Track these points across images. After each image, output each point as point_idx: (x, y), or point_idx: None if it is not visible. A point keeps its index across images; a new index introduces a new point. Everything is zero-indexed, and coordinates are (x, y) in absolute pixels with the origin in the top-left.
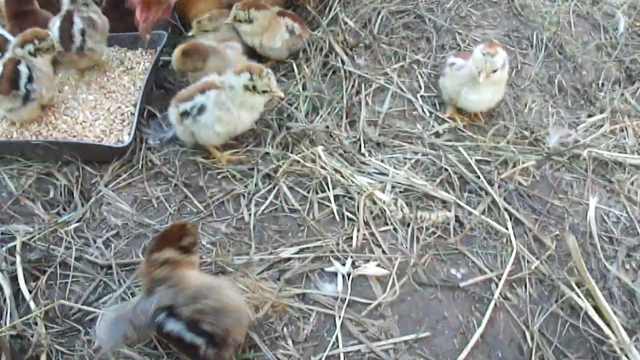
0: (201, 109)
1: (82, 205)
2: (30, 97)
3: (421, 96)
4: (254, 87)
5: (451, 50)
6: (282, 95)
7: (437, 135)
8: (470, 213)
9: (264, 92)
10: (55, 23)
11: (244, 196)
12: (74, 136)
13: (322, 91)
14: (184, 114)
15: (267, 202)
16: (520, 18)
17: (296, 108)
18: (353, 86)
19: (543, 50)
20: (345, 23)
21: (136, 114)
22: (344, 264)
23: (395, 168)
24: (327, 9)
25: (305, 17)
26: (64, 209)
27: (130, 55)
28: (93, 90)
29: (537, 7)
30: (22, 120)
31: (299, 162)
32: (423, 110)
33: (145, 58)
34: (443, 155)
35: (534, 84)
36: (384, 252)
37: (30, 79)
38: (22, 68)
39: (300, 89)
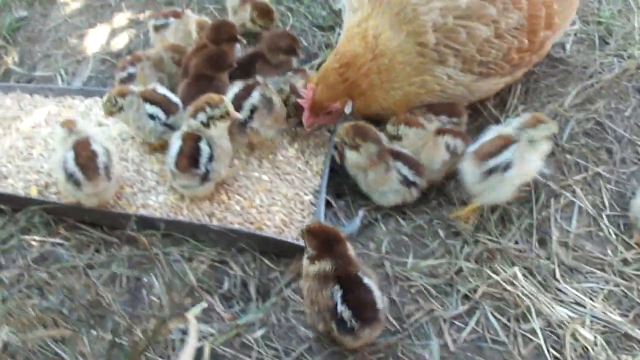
0: (507, 165)
1: (258, 300)
2: (209, 177)
3: (607, 215)
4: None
5: (633, 164)
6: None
7: (626, 262)
8: None
9: None
10: (234, 88)
11: (443, 320)
12: (251, 222)
13: (509, 203)
14: (491, 171)
15: (469, 328)
16: None
17: (482, 216)
18: (539, 198)
19: None
20: None
21: (321, 208)
22: None
23: (590, 299)
24: (507, 105)
25: (480, 114)
26: (238, 303)
27: (300, 130)
28: (266, 168)
29: None
30: (195, 197)
31: (497, 282)
32: (609, 232)
33: (317, 135)
34: (634, 287)
35: None
36: None
37: (211, 158)
38: (204, 146)
39: None
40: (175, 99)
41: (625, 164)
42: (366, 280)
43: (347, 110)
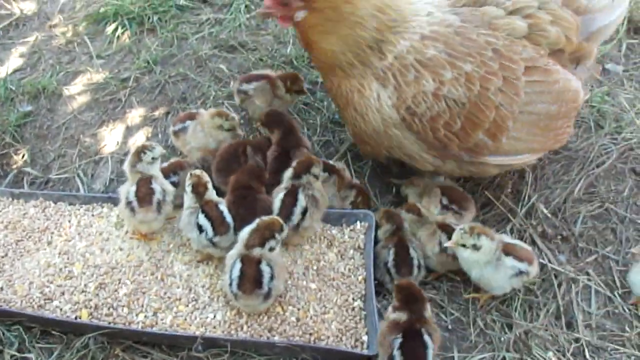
0: None
1: None
2: (271, 295)
3: (619, 294)
4: None
5: (635, 243)
6: None
7: None
8: None
9: None
10: (278, 195)
11: None
12: (310, 333)
13: (534, 292)
14: None
15: None
16: None
17: (509, 306)
18: (561, 283)
19: None
20: (544, 214)
21: (375, 315)
22: None
23: None
24: (523, 194)
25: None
26: None
27: (336, 234)
28: (311, 275)
29: None
30: (256, 312)
31: None
32: (623, 309)
33: (352, 237)
34: None
35: None
36: None
37: (272, 277)
38: (265, 267)
39: None
40: (229, 219)
41: (629, 242)
42: (426, 337)
43: (298, 17)
